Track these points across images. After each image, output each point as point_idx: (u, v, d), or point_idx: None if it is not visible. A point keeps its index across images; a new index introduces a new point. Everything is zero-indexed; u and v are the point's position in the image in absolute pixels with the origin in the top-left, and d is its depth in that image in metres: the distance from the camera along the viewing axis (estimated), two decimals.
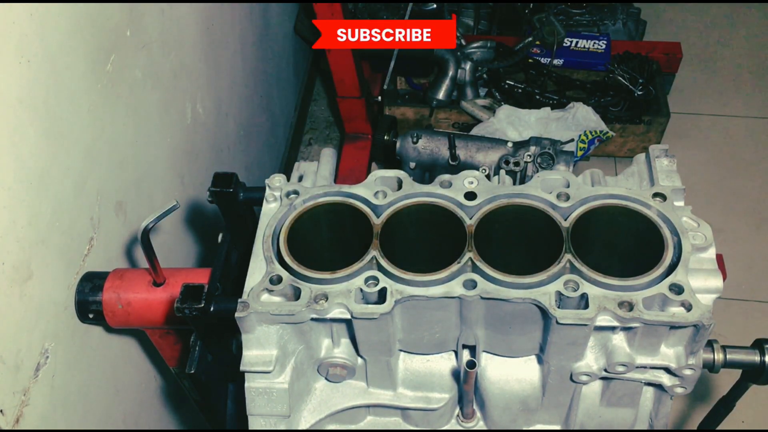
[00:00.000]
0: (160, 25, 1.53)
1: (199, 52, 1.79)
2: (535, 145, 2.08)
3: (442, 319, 0.97)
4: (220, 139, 1.99)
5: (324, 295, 0.93)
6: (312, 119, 3.10)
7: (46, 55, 1.08)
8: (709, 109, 3.05)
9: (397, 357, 1.05)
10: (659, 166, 1.09)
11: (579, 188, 1.03)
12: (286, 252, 0.97)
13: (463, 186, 1.03)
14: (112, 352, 1.40)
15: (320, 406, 1.06)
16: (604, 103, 2.72)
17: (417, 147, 2.26)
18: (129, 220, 1.40)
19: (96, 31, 1.24)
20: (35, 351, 1.11)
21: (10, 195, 1.02)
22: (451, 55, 2.72)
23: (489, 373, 1.05)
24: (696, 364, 0.96)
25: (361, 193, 1.03)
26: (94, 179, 1.26)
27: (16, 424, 1.06)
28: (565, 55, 2.86)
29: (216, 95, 1.93)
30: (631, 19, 3.08)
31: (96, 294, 1.23)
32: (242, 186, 1.13)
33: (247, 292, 0.96)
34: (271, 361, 0.96)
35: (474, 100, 2.75)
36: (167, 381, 1.66)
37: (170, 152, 1.63)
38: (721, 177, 2.79)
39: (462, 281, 0.92)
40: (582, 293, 0.91)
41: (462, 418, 1.11)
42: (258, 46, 2.33)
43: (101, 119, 1.27)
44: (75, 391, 1.24)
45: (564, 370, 0.99)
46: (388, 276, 0.94)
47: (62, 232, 1.16)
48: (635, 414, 1.08)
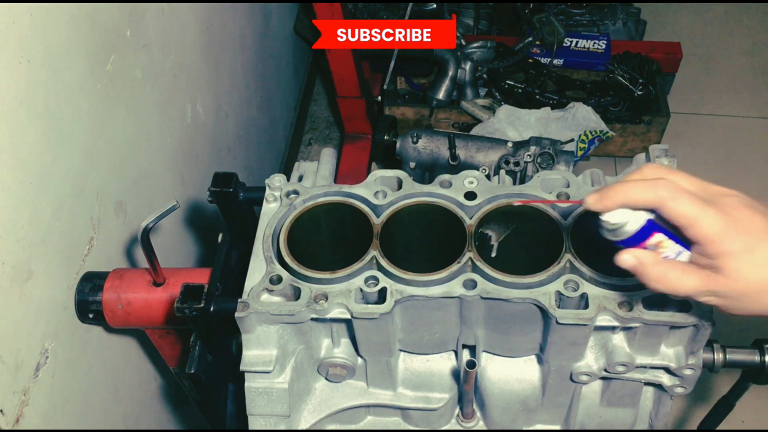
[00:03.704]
0: (160, 25, 1.53)
1: (199, 52, 1.79)
2: (535, 145, 2.07)
3: (442, 319, 0.97)
4: (220, 139, 1.99)
5: (324, 295, 0.93)
6: (312, 119, 3.09)
7: (46, 55, 1.08)
8: (709, 109, 3.04)
9: (397, 357, 1.05)
10: None
11: (579, 188, 1.03)
12: (286, 252, 0.97)
13: (463, 186, 1.03)
14: (112, 352, 1.40)
15: (320, 406, 1.06)
16: (604, 103, 2.72)
17: (417, 147, 2.26)
18: (129, 220, 1.40)
19: (96, 31, 1.24)
20: (35, 351, 1.11)
21: (10, 195, 1.02)
22: (451, 55, 2.72)
23: (489, 373, 1.05)
24: (696, 364, 0.96)
25: (361, 193, 1.03)
26: (94, 179, 1.26)
27: (16, 424, 1.06)
28: (565, 55, 2.86)
29: (216, 95, 1.93)
30: (631, 19, 3.07)
31: (96, 294, 1.23)
32: (242, 186, 1.13)
33: (247, 292, 0.96)
34: (271, 361, 0.96)
35: (474, 100, 2.75)
36: (167, 381, 1.66)
37: (170, 152, 1.63)
38: (720, 177, 2.73)
39: (462, 281, 0.92)
40: (582, 293, 0.91)
41: (462, 418, 1.11)
42: (258, 46, 2.33)
43: (101, 119, 1.27)
44: (75, 391, 1.24)
45: (564, 370, 0.99)
46: (388, 276, 0.94)
47: (62, 232, 1.16)
48: (635, 414, 1.08)
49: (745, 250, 0.68)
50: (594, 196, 0.73)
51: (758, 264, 0.68)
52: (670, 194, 0.69)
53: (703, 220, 0.69)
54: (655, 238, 0.72)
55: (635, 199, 0.71)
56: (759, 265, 0.68)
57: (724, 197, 0.71)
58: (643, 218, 0.72)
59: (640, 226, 0.72)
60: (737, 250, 0.68)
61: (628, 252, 0.73)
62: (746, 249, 0.68)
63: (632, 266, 0.73)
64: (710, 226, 0.68)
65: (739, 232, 0.68)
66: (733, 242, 0.68)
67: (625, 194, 0.71)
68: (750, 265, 0.68)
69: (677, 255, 0.73)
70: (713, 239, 0.69)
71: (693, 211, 0.69)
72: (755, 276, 0.69)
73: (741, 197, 0.72)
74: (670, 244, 0.72)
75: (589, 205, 0.73)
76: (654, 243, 0.72)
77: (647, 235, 0.72)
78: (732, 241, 0.68)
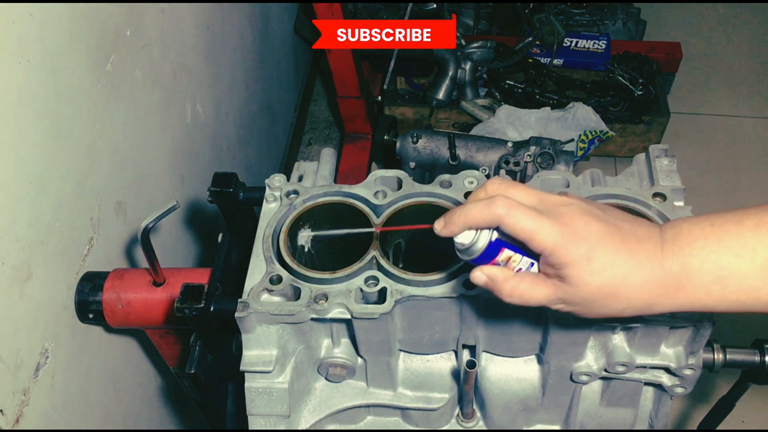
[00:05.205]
0: (160, 25, 1.53)
1: (199, 52, 1.79)
2: (535, 145, 2.08)
3: (442, 319, 0.97)
4: (220, 139, 1.99)
5: (324, 295, 0.93)
6: (312, 119, 3.10)
7: (46, 55, 1.08)
8: (709, 109, 3.05)
9: (397, 357, 1.05)
10: (659, 166, 1.08)
11: (579, 188, 1.03)
12: (286, 252, 0.97)
13: (463, 186, 1.03)
14: (112, 352, 1.40)
15: (320, 406, 1.06)
16: (604, 103, 2.72)
17: (417, 147, 2.26)
18: (129, 220, 1.40)
19: (96, 31, 1.24)
20: (35, 351, 1.11)
21: (10, 195, 1.02)
22: (451, 55, 2.72)
23: (489, 373, 1.05)
24: (696, 364, 0.96)
25: (361, 193, 1.03)
26: (94, 179, 1.26)
27: (16, 424, 1.06)
28: (565, 55, 2.86)
29: (216, 95, 1.93)
30: (631, 19, 3.07)
31: (96, 294, 1.23)
32: (242, 186, 1.13)
33: (247, 292, 0.96)
34: (271, 361, 0.96)
35: (474, 100, 2.75)
36: (167, 381, 1.66)
37: (170, 152, 1.63)
38: (721, 177, 2.79)
39: (462, 281, 0.92)
40: None
41: (462, 418, 1.11)
42: (258, 46, 2.33)
43: (101, 119, 1.27)
44: (75, 391, 1.24)
45: (564, 370, 0.99)
46: (388, 276, 0.94)
47: (62, 232, 1.16)
48: (635, 414, 1.08)
49: (584, 258, 0.69)
50: (440, 223, 0.75)
51: (597, 271, 0.69)
52: (505, 210, 0.70)
53: (540, 232, 0.69)
54: (505, 254, 0.74)
55: (474, 220, 0.72)
56: (598, 272, 0.69)
57: (560, 207, 0.72)
58: (487, 237, 0.73)
59: (486, 244, 0.73)
60: (576, 258, 0.69)
61: (479, 269, 0.75)
62: (585, 257, 0.69)
63: (484, 283, 0.75)
64: (548, 238, 0.69)
65: (576, 241, 0.69)
66: (572, 251, 0.69)
67: (465, 217, 0.73)
68: (590, 273, 0.69)
69: (529, 267, 0.75)
70: (552, 250, 0.69)
71: (530, 224, 0.70)
72: (596, 282, 0.69)
73: (577, 204, 0.72)
74: (519, 258, 0.74)
75: (437, 231, 0.75)
76: (504, 258, 0.74)
77: (496, 251, 0.74)
78: (570, 250, 0.69)
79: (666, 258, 0.70)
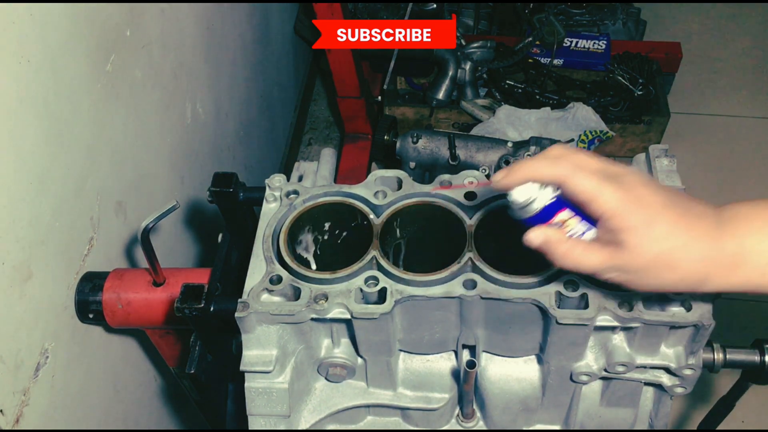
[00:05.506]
0: (160, 25, 1.53)
1: (199, 52, 1.79)
2: (535, 145, 2.08)
3: (442, 319, 0.97)
4: (220, 139, 1.99)
5: (324, 295, 0.93)
6: (312, 119, 3.10)
7: (46, 55, 1.08)
8: (709, 109, 3.04)
9: (397, 357, 1.05)
10: (659, 166, 1.09)
11: None
12: (286, 252, 0.97)
13: (464, 186, 1.03)
14: (112, 352, 1.40)
15: (320, 406, 1.06)
16: (604, 103, 2.72)
17: (417, 147, 2.26)
18: (129, 220, 1.40)
19: (96, 31, 1.24)
20: (35, 351, 1.11)
21: (10, 195, 1.02)
22: (451, 55, 2.72)
23: (489, 373, 1.05)
24: (696, 364, 0.96)
25: (361, 193, 1.03)
26: (94, 179, 1.26)
27: (16, 424, 1.06)
28: (565, 55, 2.86)
29: (216, 95, 1.93)
30: (631, 19, 3.07)
31: (96, 294, 1.23)
32: (242, 186, 1.13)
33: (247, 292, 0.96)
34: (271, 361, 0.96)
35: (474, 100, 2.75)
36: (167, 381, 1.66)
37: (170, 152, 1.63)
38: (721, 177, 2.79)
39: (462, 281, 0.92)
40: (582, 293, 0.91)
41: (462, 418, 1.11)
42: (258, 46, 2.33)
43: (101, 119, 1.27)
44: (75, 391, 1.24)
45: (564, 370, 0.99)
46: (388, 276, 0.94)
47: (62, 232, 1.16)
48: (635, 414, 1.08)
49: (645, 223, 0.69)
50: (500, 174, 0.76)
51: (657, 238, 0.70)
52: (570, 171, 0.72)
53: (602, 195, 0.70)
54: (561, 216, 0.74)
55: (537, 174, 0.74)
56: (658, 239, 0.70)
57: (623, 175, 0.73)
58: (548, 196, 0.74)
59: (546, 203, 0.74)
60: (637, 224, 0.70)
61: (535, 230, 0.75)
62: (646, 223, 0.69)
63: (539, 243, 0.75)
64: (609, 201, 0.70)
65: (638, 207, 0.70)
66: (633, 216, 0.70)
67: (528, 170, 0.74)
68: (649, 239, 0.70)
69: (583, 234, 0.75)
70: (613, 213, 0.70)
71: (592, 186, 0.71)
72: (655, 249, 0.70)
73: (640, 175, 0.74)
74: (576, 222, 0.74)
75: (495, 183, 0.76)
76: (560, 220, 0.74)
77: (553, 213, 0.74)
78: (632, 215, 0.70)
79: (724, 236, 0.70)
